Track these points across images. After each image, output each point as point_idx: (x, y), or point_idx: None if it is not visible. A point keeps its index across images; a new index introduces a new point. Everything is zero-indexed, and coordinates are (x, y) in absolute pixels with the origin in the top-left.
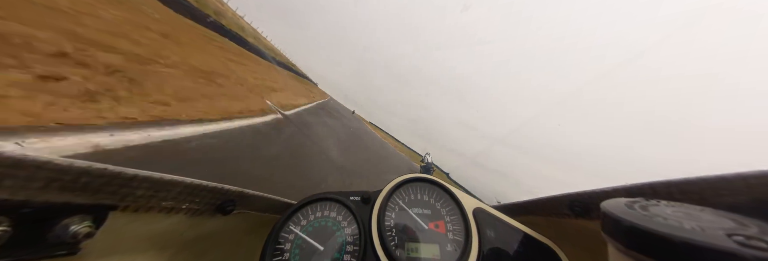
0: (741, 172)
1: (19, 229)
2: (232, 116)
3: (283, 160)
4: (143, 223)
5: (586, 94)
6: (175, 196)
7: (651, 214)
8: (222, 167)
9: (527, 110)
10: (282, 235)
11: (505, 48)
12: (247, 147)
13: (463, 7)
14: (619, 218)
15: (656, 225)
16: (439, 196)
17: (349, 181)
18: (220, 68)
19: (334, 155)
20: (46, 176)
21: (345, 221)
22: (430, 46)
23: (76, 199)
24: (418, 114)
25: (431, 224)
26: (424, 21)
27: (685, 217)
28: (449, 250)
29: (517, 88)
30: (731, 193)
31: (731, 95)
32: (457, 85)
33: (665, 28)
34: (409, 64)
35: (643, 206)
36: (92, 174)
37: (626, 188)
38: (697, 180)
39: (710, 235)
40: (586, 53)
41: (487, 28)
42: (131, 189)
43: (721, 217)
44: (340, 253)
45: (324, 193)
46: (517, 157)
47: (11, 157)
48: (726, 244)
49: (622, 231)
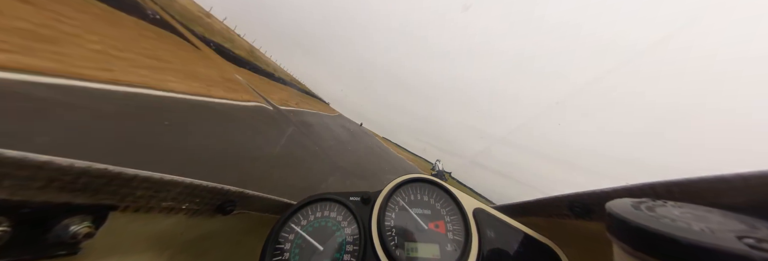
0: (741, 173)
1: (19, 229)
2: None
3: (283, 160)
4: (143, 224)
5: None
6: (175, 197)
7: (658, 215)
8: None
9: (527, 110)
10: (282, 235)
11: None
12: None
13: (464, 7)
14: (626, 219)
15: (665, 226)
16: (439, 196)
17: (349, 182)
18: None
19: (335, 156)
20: (46, 176)
21: (345, 221)
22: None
23: (76, 199)
24: (424, 116)
25: (431, 224)
26: (427, 29)
27: (693, 219)
28: (449, 250)
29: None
30: (731, 193)
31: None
32: (460, 89)
33: (666, 27)
34: (412, 70)
35: (650, 207)
36: (92, 174)
37: (627, 188)
38: (697, 180)
39: (720, 237)
40: (586, 52)
41: (491, 26)
42: (131, 189)
43: (730, 219)
44: (340, 253)
45: (324, 193)
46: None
47: (11, 157)
48: (736, 247)
49: (629, 232)
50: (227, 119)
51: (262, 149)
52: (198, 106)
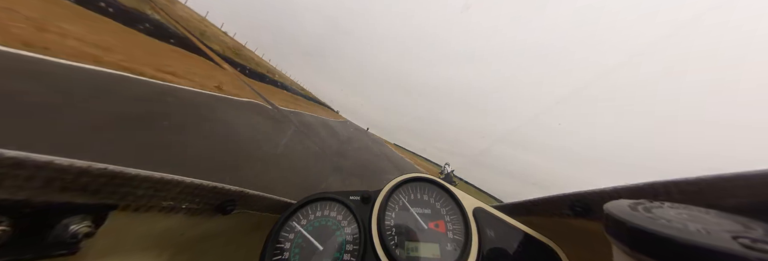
0: (742, 172)
1: (19, 228)
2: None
3: (284, 159)
4: (143, 223)
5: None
6: (175, 196)
7: (655, 216)
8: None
9: (527, 111)
10: (282, 234)
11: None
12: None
13: (464, 7)
14: (623, 220)
15: (661, 227)
16: (439, 195)
17: (349, 182)
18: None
19: (335, 156)
20: (46, 176)
21: (345, 221)
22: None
23: (76, 198)
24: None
25: (431, 224)
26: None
27: (689, 219)
28: (449, 250)
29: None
30: (732, 193)
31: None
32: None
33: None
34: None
35: (647, 208)
36: (92, 174)
37: (627, 188)
38: (696, 180)
39: (715, 237)
40: (587, 52)
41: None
42: (131, 188)
43: (726, 220)
44: (340, 252)
45: (324, 192)
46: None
47: (12, 157)
48: (731, 247)
49: (626, 233)
50: (225, 113)
51: (262, 149)
52: (199, 96)
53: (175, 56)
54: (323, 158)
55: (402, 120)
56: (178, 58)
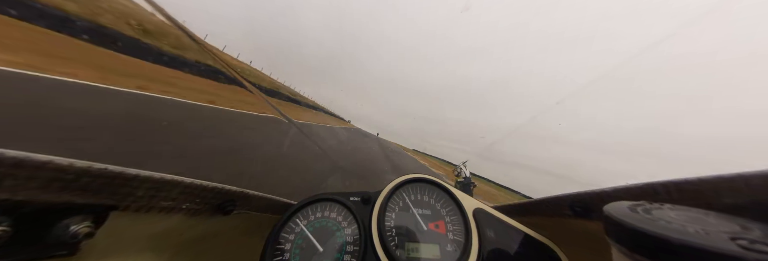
0: (742, 173)
1: (19, 228)
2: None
3: (286, 160)
4: (143, 223)
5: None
6: (175, 196)
7: (654, 218)
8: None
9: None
10: (282, 235)
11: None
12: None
13: (464, 8)
14: (622, 222)
15: (660, 228)
16: (440, 196)
17: (349, 182)
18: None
19: (336, 156)
20: (47, 176)
21: (345, 222)
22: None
23: (77, 199)
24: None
25: (431, 224)
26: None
27: (688, 221)
28: (449, 251)
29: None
30: (732, 193)
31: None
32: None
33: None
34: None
35: (646, 209)
36: (92, 174)
37: (627, 188)
38: (696, 180)
39: (714, 238)
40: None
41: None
42: (132, 189)
43: (725, 221)
44: (340, 253)
45: (324, 193)
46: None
47: (12, 157)
48: (729, 248)
49: (626, 234)
50: (232, 120)
51: (262, 148)
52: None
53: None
54: (324, 159)
55: (414, 124)
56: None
